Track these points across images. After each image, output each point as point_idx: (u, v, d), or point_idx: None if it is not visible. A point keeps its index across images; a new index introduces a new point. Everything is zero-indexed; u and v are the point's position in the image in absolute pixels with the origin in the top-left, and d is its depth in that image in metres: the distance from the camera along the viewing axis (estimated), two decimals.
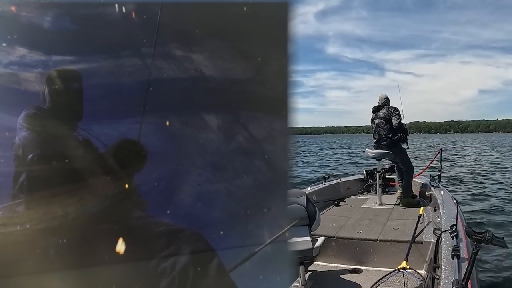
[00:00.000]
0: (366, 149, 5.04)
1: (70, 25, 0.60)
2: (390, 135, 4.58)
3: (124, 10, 0.61)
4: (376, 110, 4.81)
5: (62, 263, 0.59)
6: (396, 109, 4.63)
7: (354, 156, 23.80)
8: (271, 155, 0.68)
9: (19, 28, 0.58)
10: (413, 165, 4.83)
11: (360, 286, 2.68)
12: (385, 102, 4.77)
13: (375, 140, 4.78)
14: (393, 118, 4.56)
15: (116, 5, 0.60)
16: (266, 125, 0.69)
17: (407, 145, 4.83)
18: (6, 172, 0.59)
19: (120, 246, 0.59)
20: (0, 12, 0.57)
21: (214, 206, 0.67)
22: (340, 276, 2.90)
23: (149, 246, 0.64)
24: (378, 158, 4.84)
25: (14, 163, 0.61)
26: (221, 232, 0.66)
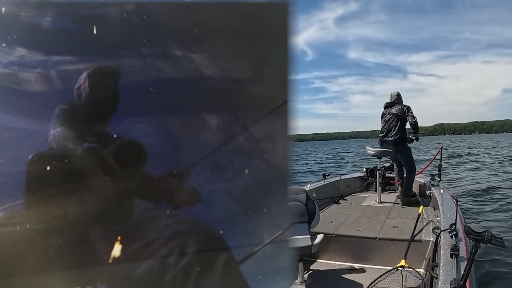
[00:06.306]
0: (367, 147, 5.04)
1: (70, 25, 0.60)
2: (398, 133, 4.58)
3: (124, 10, 0.60)
4: (388, 106, 4.79)
5: (61, 263, 0.59)
6: (409, 108, 4.63)
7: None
8: (270, 155, 0.68)
9: (19, 28, 0.58)
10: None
11: (359, 283, 2.69)
12: (397, 99, 4.75)
13: (381, 135, 4.76)
14: (409, 117, 4.56)
15: (116, 5, 0.60)
16: (266, 125, 0.69)
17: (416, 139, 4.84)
18: (6, 172, 0.59)
19: (120, 246, 0.60)
20: (0, 12, 0.57)
21: (214, 206, 0.68)
22: (339, 273, 2.90)
23: (152, 242, 0.64)
24: (379, 156, 4.84)
25: (48, 157, 0.62)
26: (221, 232, 0.66)
